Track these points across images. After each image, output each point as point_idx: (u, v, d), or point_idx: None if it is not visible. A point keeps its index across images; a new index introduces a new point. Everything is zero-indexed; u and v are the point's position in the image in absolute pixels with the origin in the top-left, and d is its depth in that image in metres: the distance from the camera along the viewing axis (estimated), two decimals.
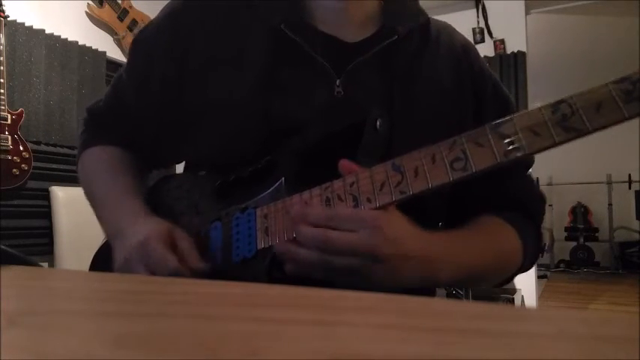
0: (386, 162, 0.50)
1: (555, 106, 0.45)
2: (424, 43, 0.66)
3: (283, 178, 0.55)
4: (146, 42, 0.69)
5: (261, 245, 0.53)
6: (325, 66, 0.59)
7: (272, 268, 0.52)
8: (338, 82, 0.59)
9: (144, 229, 0.56)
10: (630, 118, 0.42)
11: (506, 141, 0.46)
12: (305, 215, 0.49)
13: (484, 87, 0.68)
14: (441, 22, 0.71)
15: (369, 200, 0.49)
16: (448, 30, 0.70)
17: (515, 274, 0.66)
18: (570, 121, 0.44)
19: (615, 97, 0.43)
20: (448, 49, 0.67)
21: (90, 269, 0.72)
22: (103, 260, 0.69)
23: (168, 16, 0.67)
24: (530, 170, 0.71)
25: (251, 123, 0.59)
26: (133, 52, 0.71)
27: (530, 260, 0.65)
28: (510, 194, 0.66)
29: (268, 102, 0.59)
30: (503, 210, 0.65)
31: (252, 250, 0.53)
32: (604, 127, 0.43)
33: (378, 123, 0.54)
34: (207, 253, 0.56)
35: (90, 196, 0.70)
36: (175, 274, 0.51)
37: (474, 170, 0.46)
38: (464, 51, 0.69)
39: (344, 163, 0.51)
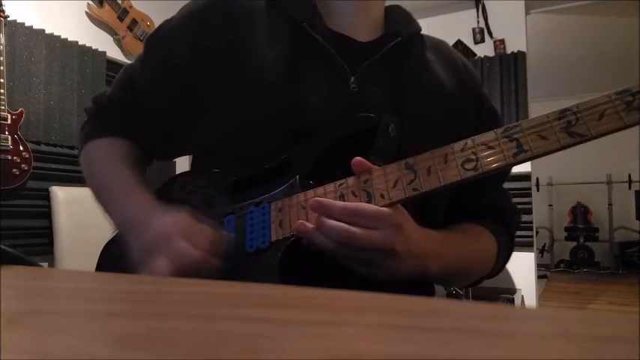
0: (399, 161, 0.52)
1: (561, 114, 0.49)
2: (424, 50, 0.71)
3: (298, 176, 0.57)
4: (166, 34, 0.69)
5: (275, 237, 0.55)
6: (341, 63, 0.63)
7: (284, 259, 0.54)
8: (353, 79, 0.63)
9: (163, 221, 0.57)
10: (630, 126, 0.47)
11: (514, 144, 0.49)
12: (327, 208, 0.50)
13: (481, 101, 0.73)
14: (436, 37, 0.77)
15: (382, 196, 0.51)
16: (446, 44, 0.77)
17: (485, 278, 0.71)
18: (575, 127, 0.48)
19: (617, 107, 0.47)
20: (449, 61, 0.73)
21: (97, 265, 0.72)
22: (111, 256, 0.69)
23: (189, 11, 0.67)
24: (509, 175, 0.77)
25: (273, 116, 0.60)
26: (151, 44, 0.71)
27: (499, 266, 0.71)
28: (490, 205, 0.72)
29: (290, 96, 0.61)
30: (484, 219, 0.70)
31: (266, 241, 0.55)
32: (606, 134, 0.47)
33: (390, 128, 0.57)
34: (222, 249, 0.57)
35: (96, 187, 0.70)
36: (199, 267, 0.52)
37: (483, 170, 0.49)
38: (464, 66, 0.74)
39: (357, 161, 0.53)
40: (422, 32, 0.73)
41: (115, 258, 0.68)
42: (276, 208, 0.56)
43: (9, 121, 2.13)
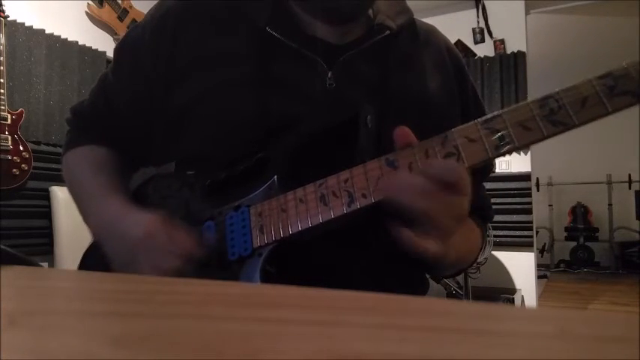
0: (379, 158, 0.50)
1: (542, 101, 0.47)
2: (413, 41, 0.68)
3: (276, 176, 0.55)
4: (132, 44, 0.69)
5: (257, 243, 0.54)
6: (316, 59, 0.60)
7: (267, 265, 0.53)
8: (330, 74, 0.60)
9: (140, 222, 0.56)
10: (613, 112, 0.44)
11: (496, 136, 0.47)
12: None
13: (467, 92, 0.71)
14: (426, 23, 0.74)
15: (364, 196, 0.49)
16: (434, 32, 0.73)
17: (466, 269, 0.72)
18: (558, 115, 0.46)
19: (599, 93, 0.45)
20: (436, 50, 0.70)
21: (79, 268, 0.72)
22: (93, 259, 0.69)
23: (152, 18, 0.67)
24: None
25: (246, 120, 0.59)
26: (119, 55, 0.71)
27: (476, 258, 0.72)
28: (474, 201, 0.71)
29: (262, 98, 0.59)
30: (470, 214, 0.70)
31: (248, 248, 0.54)
32: (589, 121, 0.45)
33: (368, 119, 0.54)
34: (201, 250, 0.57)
35: (75, 195, 0.70)
36: (184, 263, 0.52)
37: (466, 165, 0.48)
38: (449, 55, 0.72)
39: (401, 131, 0.49)
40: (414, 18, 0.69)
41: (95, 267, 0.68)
42: (255, 212, 0.55)
43: (9, 121, 2.13)
